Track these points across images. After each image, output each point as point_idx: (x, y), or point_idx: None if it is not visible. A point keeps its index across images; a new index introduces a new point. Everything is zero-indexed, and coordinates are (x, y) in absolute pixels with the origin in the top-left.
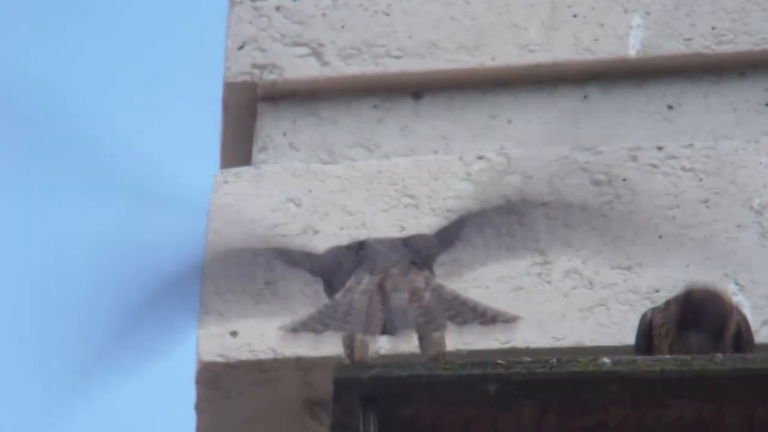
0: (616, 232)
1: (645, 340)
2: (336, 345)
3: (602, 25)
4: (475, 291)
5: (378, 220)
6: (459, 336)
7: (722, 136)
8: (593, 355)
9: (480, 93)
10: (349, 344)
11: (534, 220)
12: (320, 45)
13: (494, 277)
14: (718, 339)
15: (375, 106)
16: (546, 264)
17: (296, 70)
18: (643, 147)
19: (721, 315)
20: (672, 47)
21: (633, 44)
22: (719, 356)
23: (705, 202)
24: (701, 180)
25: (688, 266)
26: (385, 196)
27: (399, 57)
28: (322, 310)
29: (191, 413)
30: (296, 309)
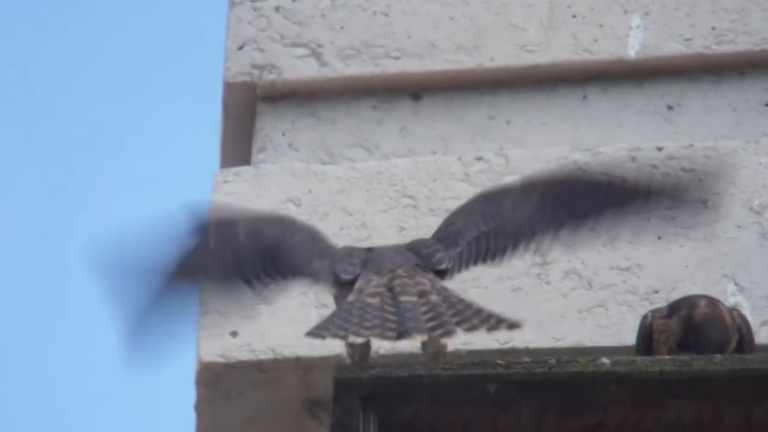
0: (615, 232)
1: (645, 343)
2: (336, 345)
3: (601, 26)
4: (475, 291)
5: (377, 221)
6: (459, 336)
7: (722, 137)
8: (592, 356)
9: (479, 93)
10: (351, 344)
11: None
12: (319, 45)
13: (493, 277)
14: None
15: (374, 107)
16: (545, 264)
17: (295, 71)
18: (643, 147)
19: (723, 338)
20: (672, 47)
21: (632, 44)
22: (718, 357)
23: (705, 202)
24: (701, 180)
25: (688, 266)
26: (385, 197)
27: (398, 58)
28: (340, 314)
29: (191, 413)
30: (296, 309)
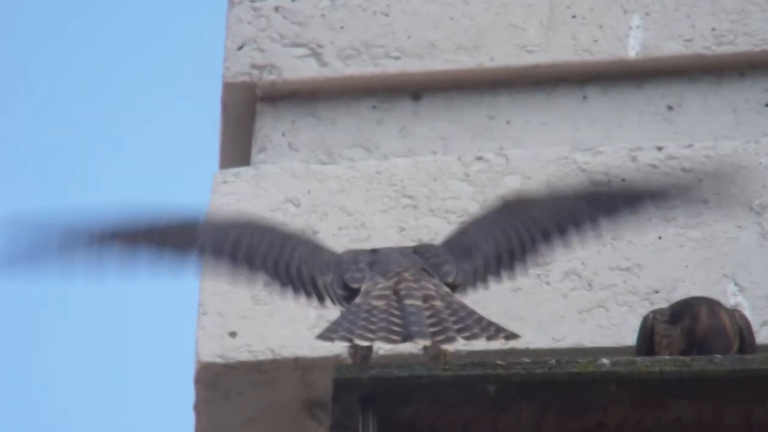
0: (615, 233)
1: (646, 344)
2: (336, 345)
3: (601, 26)
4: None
5: (377, 221)
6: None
7: (722, 137)
8: (592, 356)
9: (479, 93)
10: (353, 344)
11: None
12: (319, 46)
13: None
14: None
15: (374, 107)
16: (545, 265)
17: (295, 71)
18: (643, 147)
19: (725, 348)
20: (672, 48)
21: (632, 45)
22: (718, 357)
23: (705, 202)
24: (701, 180)
25: (688, 266)
26: (384, 197)
27: (398, 58)
28: (348, 317)
29: (190, 414)
30: (295, 310)
